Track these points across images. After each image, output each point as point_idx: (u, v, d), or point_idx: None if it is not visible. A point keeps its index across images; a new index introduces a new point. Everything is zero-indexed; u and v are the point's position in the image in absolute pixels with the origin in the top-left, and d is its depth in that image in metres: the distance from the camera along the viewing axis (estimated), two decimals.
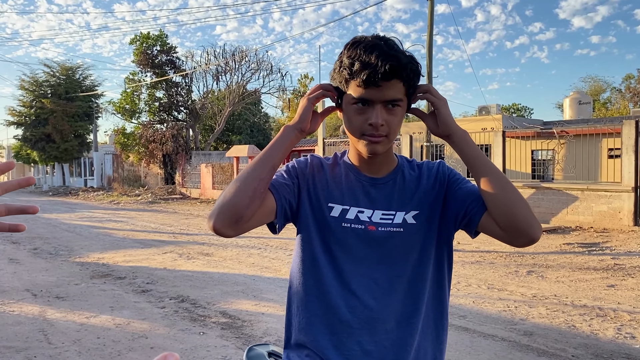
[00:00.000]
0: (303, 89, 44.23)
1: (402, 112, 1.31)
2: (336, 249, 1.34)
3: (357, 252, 1.33)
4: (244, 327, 4.91)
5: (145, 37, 29.65)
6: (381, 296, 1.32)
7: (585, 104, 25.11)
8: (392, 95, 1.25)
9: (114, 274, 7.45)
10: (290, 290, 1.43)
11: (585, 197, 12.00)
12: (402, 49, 1.28)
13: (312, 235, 1.37)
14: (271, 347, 1.54)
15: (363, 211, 1.35)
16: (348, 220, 1.34)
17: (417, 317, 1.34)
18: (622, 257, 8.48)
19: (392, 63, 1.21)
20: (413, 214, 1.35)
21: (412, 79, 1.27)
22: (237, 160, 22.78)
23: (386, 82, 1.23)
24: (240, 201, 1.21)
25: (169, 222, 14.93)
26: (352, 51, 1.26)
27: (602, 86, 45.50)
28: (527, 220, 1.22)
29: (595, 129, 14.14)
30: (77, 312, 5.44)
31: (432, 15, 15.48)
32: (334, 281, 1.33)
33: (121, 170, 34.28)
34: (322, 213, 1.36)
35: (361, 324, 1.31)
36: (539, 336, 4.56)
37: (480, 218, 1.29)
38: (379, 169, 1.38)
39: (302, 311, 1.37)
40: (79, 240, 11.02)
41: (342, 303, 1.32)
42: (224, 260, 8.56)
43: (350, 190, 1.37)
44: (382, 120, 1.26)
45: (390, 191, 1.37)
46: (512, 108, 51.13)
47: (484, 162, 1.30)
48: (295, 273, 1.42)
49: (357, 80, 1.24)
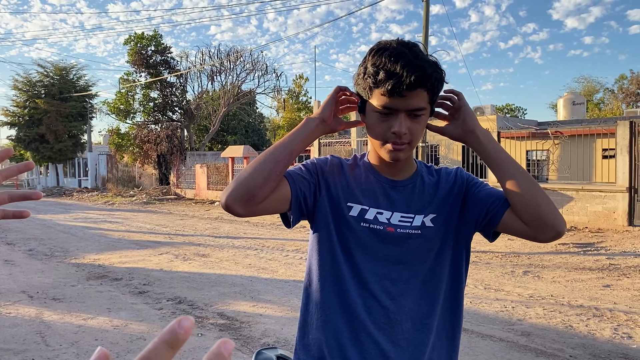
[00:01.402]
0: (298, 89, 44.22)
1: (425, 119, 1.32)
2: (354, 248, 1.35)
3: (375, 251, 1.34)
4: (242, 328, 4.91)
5: (140, 37, 29.55)
6: (398, 296, 1.33)
7: (579, 104, 25.20)
8: (417, 104, 1.26)
9: (110, 275, 7.43)
10: (309, 288, 1.42)
11: (580, 198, 12.06)
12: (426, 55, 1.28)
13: (331, 233, 1.37)
14: (280, 351, 1.54)
15: (382, 212, 1.35)
16: (367, 220, 1.35)
17: (433, 318, 1.35)
18: (617, 257, 8.52)
19: (417, 74, 1.21)
20: (431, 217, 1.36)
21: (436, 87, 1.28)
22: (232, 160, 22.74)
23: (411, 92, 1.23)
24: (254, 180, 1.23)
25: (164, 222, 14.88)
26: (377, 59, 1.25)
27: (595, 87, 45.73)
28: (552, 213, 1.24)
29: (589, 129, 14.20)
30: (74, 313, 5.42)
31: (427, 16, 15.51)
32: (352, 280, 1.34)
33: (115, 171, 34.14)
34: (341, 212, 1.36)
35: (378, 323, 1.32)
36: (537, 336, 4.58)
37: (501, 217, 1.30)
38: (399, 172, 1.40)
39: (320, 309, 1.37)
40: (74, 241, 10.97)
41: (360, 302, 1.33)
42: (221, 261, 8.55)
43: (371, 190, 1.38)
44: (406, 128, 1.27)
45: (410, 194, 1.38)
46: (505, 108, 51.29)
47: (507, 157, 1.32)
48: (313, 271, 1.41)
49: (382, 89, 1.24)
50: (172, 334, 0.39)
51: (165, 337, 0.39)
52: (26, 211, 0.87)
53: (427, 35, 15.57)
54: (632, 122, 11.51)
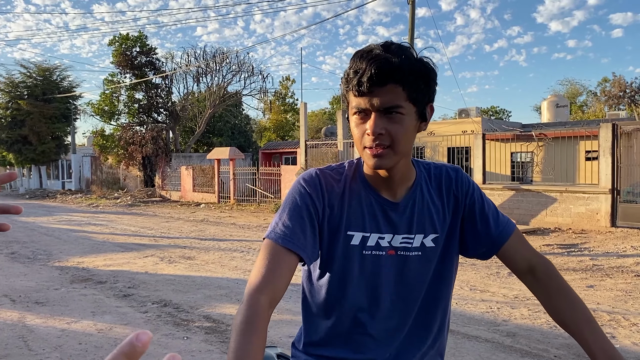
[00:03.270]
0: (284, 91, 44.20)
1: (409, 120, 1.18)
2: (358, 275, 1.30)
3: (376, 277, 1.30)
4: (228, 331, 4.88)
5: (125, 38, 29.35)
6: (397, 316, 1.32)
7: (563, 107, 25.51)
8: (390, 101, 1.14)
9: (94, 278, 7.35)
10: (306, 301, 1.39)
11: (564, 199, 12.19)
12: (407, 52, 1.17)
13: (332, 260, 1.31)
14: (279, 350, 1.54)
15: (384, 237, 1.29)
16: (369, 248, 1.29)
17: (429, 336, 1.35)
18: (600, 257, 8.62)
19: (380, 66, 1.11)
20: (432, 237, 1.31)
21: (414, 82, 1.15)
22: (218, 162, 22.65)
23: (380, 88, 1.13)
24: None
25: (149, 225, 14.77)
26: (351, 61, 1.18)
27: (578, 89, 46.30)
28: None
29: (573, 131, 14.38)
30: (57, 317, 5.35)
31: (413, 18, 15.59)
32: (352, 305, 1.31)
33: (100, 173, 33.84)
34: (341, 242, 1.29)
35: (377, 343, 1.32)
36: (522, 337, 4.61)
37: (494, 255, 1.35)
38: (397, 187, 1.30)
39: (320, 325, 1.36)
40: (57, 244, 10.84)
41: (359, 325, 1.32)
42: (207, 263, 8.50)
43: (371, 215, 1.29)
44: (381, 128, 1.16)
45: (410, 215, 1.30)
46: (490, 110, 51.72)
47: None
48: (309, 287, 1.38)
49: (353, 89, 1.17)
50: (130, 347, 0.41)
51: (124, 349, 0.41)
52: (6, 224, 0.85)
53: (412, 37, 15.65)
54: (615, 124, 11.66)
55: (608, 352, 1.13)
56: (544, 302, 1.28)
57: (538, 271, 1.29)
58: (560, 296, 1.25)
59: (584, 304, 1.24)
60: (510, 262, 1.32)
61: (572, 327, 1.21)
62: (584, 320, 1.20)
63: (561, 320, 1.24)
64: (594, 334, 1.16)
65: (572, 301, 1.23)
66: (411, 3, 15.41)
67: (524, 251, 1.32)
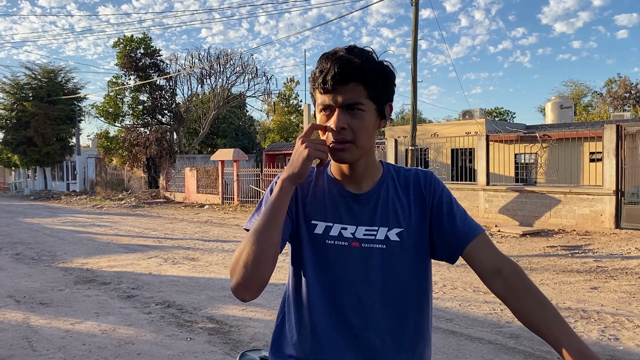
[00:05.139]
0: (288, 92, 44.22)
1: (369, 116, 1.27)
2: (321, 266, 1.33)
3: (340, 269, 1.32)
4: (231, 332, 4.89)
5: (129, 40, 29.45)
6: (364, 313, 1.31)
7: (567, 108, 25.46)
8: (352, 98, 1.24)
9: (98, 279, 7.37)
10: (283, 303, 1.43)
11: (568, 201, 12.16)
12: (367, 54, 1.26)
13: (299, 250, 1.37)
14: (263, 353, 1.55)
15: (346, 227, 1.33)
16: (332, 237, 1.33)
17: (401, 334, 1.33)
18: (604, 259, 8.60)
19: (342, 65, 1.21)
20: (396, 231, 1.33)
21: (373, 81, 1.25)
22: (222, 163, 22.68)
23: (343, 86, 1.23)
24: (265, 274, 1.23)
25: (153, 226, 14.81)
26: (318, 62, 1.28)
27: (583, 90, 46.20)
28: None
29: (577, 133, 14.34)
30: (61, 318, 5.38)
31: (416, 20, 15.58)
32: (319, 298, 1.33)
33: (104, 174, 33.93)
34: (307, 230, 1.36)
35: (345, 340, 1.31)
36: (525, 339, 4.61)
37: (459, 256, 1.35)
38: (361, 181, 1.36)
39: (293, 326, 1.37)
40: (62, 245, 10.88)
41: (326, 320, 1.32)
42: (210, 265, 8.52)
43: (334, 206, 1.35)
44: (344, 123, 1.24)
45: (374, 207, 1.35)
46: (494, 112, 51.64)
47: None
48: (287, 287, 1.42)
49: (318, 87, 1.26)
50: None
51: None
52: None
53: (416, 39, 15.64)
54: (619, 125, 11.63)
55: (583, 352, 1.11)
56: (512, 304, 1.25)
57: (505, 272, 1.26)
58: (529, 297, 1.23)
59: (553, 305, 1.22)
60: (475, 263, 1.30)
61: (543, 328, 1.18)
62: (555, 322, 1.18)
63: (530, 321, 1.21)
64: (567, 334, 1.15)
65: (542, 302, 1.21)
66: (414, 4, 15.41)
67: (490, 253, 1.30)
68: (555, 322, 1.18)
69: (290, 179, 1.25)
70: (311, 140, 1.25)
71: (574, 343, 1.13)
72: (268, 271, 1.22)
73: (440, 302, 5.92)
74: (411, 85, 15.99)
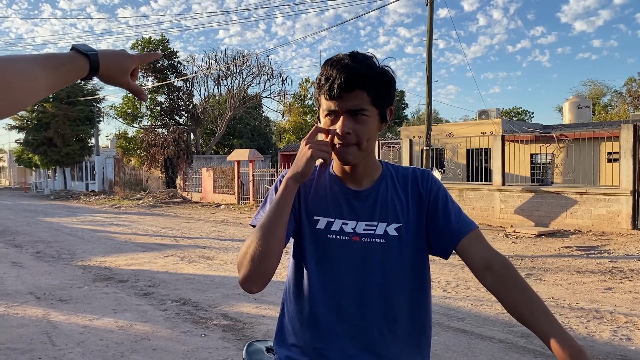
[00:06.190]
0: (304, 93, 44.33)
1: (372, 121, 1.35)
2: (323, 259, 1.40)
3: (341, 262, 1.39)
4: (245, 329, 4.98)
5: (147, 42, 29.82)
6: (363, 304, 1.38)
7: (585, 107, 25.19)
8: (356, 105, 1.31)
9: (116, 277, 7.52)
10: (284, 295, 1.51)
11: (584, 201, 12.07)
12: (371, 61, 1.33)
13: (301, 244, 1.44)
14: (269, 343, 1.63)
15: (347, 223, 1.40)
16: (333, 232, 1.40)
17: (398, 325, 1.40)
18: (620, 260, 8.54)
19: (348, 74, 1.28)
20: (395, 227, 1.40)
21: (377, 88, 1.32)
22: (238, 164, 22.84)
23: (348, 93, 1.29)
24: (271, 267, 1.30)
25: (171, 225, 14.99)
26: (323, 68, 1.35)
27: (602, 90, 45.60)
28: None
29: (594, 132, 14.21)
30: (80, 314, 5.51)
31: (431, 20, 15.57)
32: (320, 290, 1.40)
33: (122, 174, 34.35)
34: (309, 225, 1.43)
35: (345, 330, 1.38)
36: (536, 338, 4.60)
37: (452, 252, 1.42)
38: (361, 179, 1.44)
39: (293, 317, 1.44)
40: (81, 244, 11.09)
41: (326, 311, 1.38)
42: (225, 263, 8.63)
43: (335, 202, 1.42)
44: (349, 128, 1.31)
45: (373, 203, 1.42)
46: (512, 112, 51.22)
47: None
48: (288, 280, 1.49)
49: (324, 93, 1.33)
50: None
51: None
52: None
53: (431, 39, 15.63)
54: (636, 125, 11.51)
55: (568, 342, 1.17)
56: (502, 297, 1.31)
57: (495, 267, 1.32)
58: (517, 290, 1.29)
59: (541, 298, 1.28)
60: (468, 257, 1.36)
61: (531, 320, 1.24)
62: (542, 315, 1.23)
63: (519, 313, 1.27)
64: (552, 326, 1.20)
65: (529, 295, 1.27)
66: (429, 5, 15.40)
67: (482, 248, 1.37)
68: (541, 315, 1.24)
69: (294, 177, 1.33)
70: (314, 142, 1.33)
71: (559, 333, 1.19)
72: (274, 265, 1.30)
73: (452, 302, 5.95)
74: (426, 86, 15.99)
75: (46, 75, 1.01)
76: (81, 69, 1.09)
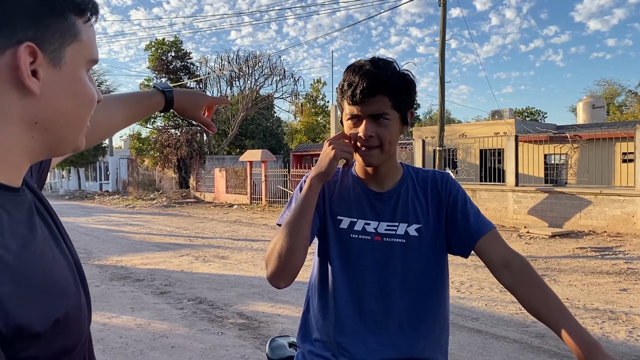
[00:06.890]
0: (316, 93, 44.38)
1: (394, 124, 1.40)
2: (346, 258, 1.46)
3: (364, 260, 1.45)
4: (260, 327, 5.04)
5: (160, 43, 30.04)
6: (385, 302, 1.44)
7: (599, 107, 24.99)
8: (378, 109, 1.37)
9: (132, 276, 7.62)
10: (309, 291, 1.58)
11: (599, 202, 12.00)
12: (391, 67, 1.39)
13: (326, 243, 1.50)
14: (291, 339, 1.69)
15: (369, 223, 1.46)
16: (356, 232, 1.46)
17: (419, 322, 1.45)
18: (635, 261, 8.49)
19: (370, 80, 1.33)
20: (415, 227, 1.46)
21: (397, 93, 1.38)
22: (251, 164, 22.95)
23: (370, 98, 1.35)
24: (298, 263, 1.36)
25: (184, 225, 15.12)
26: (345, 74, 1.41)
27: (616, 89, 45.14)
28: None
29: (608, 133, 14.12)
30: (98, 312, 5.60)
31: (444, 20, 15.56)
32: (343, 287, 1.46)
33: (136, 175, 34.64)
34: (333, 225, 1.49)
35: (366, 325, 1.44)
36: (551, 338, 4.63)
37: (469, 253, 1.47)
38: (383, 181, 1.50)
39: (317, 313, 1.51)
40: (97, 244, 11.23)
41: (350, 307, 1.45)
42: (240, 263, 8.70)
43: (358, 203, 1.49)
44: (371, 132, 1.37)
45: (394, 204, 1.48)
46: (525, 112, 50.90)
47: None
48: (313, 277, 1.56)
49: (347, 98, 1.39)
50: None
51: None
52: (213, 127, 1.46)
53: (444, 39, 15.62)
54: None
55: (584, 337, 1.20)
56: (519, 293, 1.35)
57: (513, 265, 1.36)
58: (534, 288, 1.33)
59: (557, 296, 1.32)
60: (486, 256, 1.41)
61: (546, 315, 1.28)
62: (558, 310, 1.27)
63: (536, 310, 1.31)
64: (568, 321, 1.24)
65: (546, 292, 1.31)
66: (442, 5, 15.39)
67: (500, 247, 1.41)
68: (558, 311, 1.27)
69: (318, 177, 1.39)
70: (337, 143, 1.39)
71: (575, 327, 1.22)
72: (300, 261, 1.35)
73: (467, 302, 5.97)
74: (439, 86, 15.97)
75: (127, 110, 1.27)
76: (158, 103, 1.35)
